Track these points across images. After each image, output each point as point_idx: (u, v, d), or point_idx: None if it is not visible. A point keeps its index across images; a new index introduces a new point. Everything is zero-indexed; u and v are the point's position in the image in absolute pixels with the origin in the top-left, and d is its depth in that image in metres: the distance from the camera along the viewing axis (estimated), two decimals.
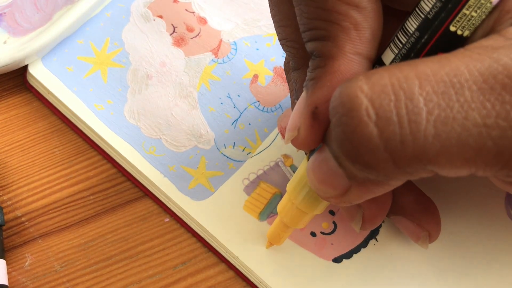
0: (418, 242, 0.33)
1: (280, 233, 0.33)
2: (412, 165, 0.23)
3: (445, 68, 0.22)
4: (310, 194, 0.29)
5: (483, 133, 0.22)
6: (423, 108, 0.22)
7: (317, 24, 0.26)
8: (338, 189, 0.26)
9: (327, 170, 0.26)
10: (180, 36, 0.39)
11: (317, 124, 0.26)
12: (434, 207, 0.33)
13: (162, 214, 0.36)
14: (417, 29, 0.24)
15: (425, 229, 0.32)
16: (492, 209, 0.35)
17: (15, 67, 0.37)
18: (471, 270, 0.34)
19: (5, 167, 0.37)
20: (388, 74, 0.23)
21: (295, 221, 0.31)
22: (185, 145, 0.37)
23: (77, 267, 0.35)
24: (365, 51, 0.25)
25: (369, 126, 0.22)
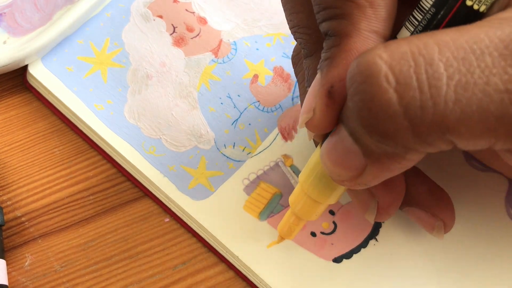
0: (433, 232, 0.32)
1: (292, 226, 0.32)
2: (432, 133, 0.22)
3: (465, 36, 0.22)
4: (324, 182, 0.28)
5: (505, 99, 0.21)
6: (443, 73, 0.22)
7: (331, 2, 0.25)
8: (353, 169, 0.25)
9: (342, 150, 0.25)
10: (180, 36, 0.39)
11: (333, 104, 0.25)
12: (447, 197, 0.32)
13: (162, 214, 0.36)
14: (433, 5, 0.24)
15: (439, 219, 0.32)
16: (492, 209, 0.35)
17: (15, 67, 0.37)
18: (471, 270, 0.34)
19: (5, 167, 0.37)
20: (407, 42, 0.22)
21: (308, 213, 0.30)
22: (185, 145, 0.37)
23: (77, 267, 0.35)
24: (380, 29, 0.25)
25: (388, 92, 0.22)
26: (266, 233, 0.35)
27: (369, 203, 0.31)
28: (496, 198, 0.35)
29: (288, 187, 0.36)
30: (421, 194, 0.32)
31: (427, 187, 0.32)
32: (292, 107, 0.37)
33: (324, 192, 0.29)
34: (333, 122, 0.26)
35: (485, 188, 0.35)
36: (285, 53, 0.38)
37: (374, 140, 0.23)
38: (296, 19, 0.29)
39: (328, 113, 0.25)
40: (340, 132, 0.25)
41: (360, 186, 0.26)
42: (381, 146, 0.23)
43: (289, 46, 0.38)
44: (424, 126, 0.22)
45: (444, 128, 0.22)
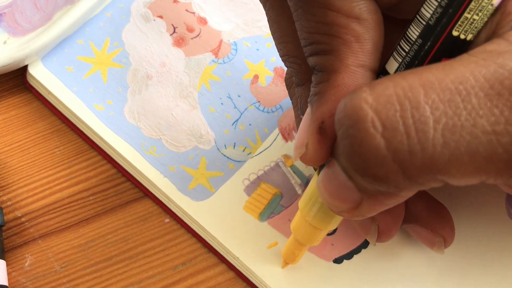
0: (434, 248, 0.33)
1: (295, 252, 0.32)
2: (423, 175, 0.22)
3: (450, 75, 0.22)
4: (323, 210, 0.29)
5: (493, 141, 0.22)
6: (430, 116, 0.22)
7: (318, 38, 0.25)
8: (350, 203, 0.25)
9: (337, 184, 0.25)
10: (180, 36, 0.39)
11: (325, 139, 0.26)
12: (447, 212, 0.33)
13: (162, 215, 0.36)
14: (420, 36, 0.24)
15: (439, 235, 0.32)
16: (492, 209, 0.35)
17: (15, 67, 0.37)
18: (472, 270, 0.34)
19: (5, 167, 0.37)
20: (392, 84, 0.22)
21: (309, 239, 0.31)
22: (185, 145, 0.36)
23: (77, 268, 0.35)
24: (368, 63, 0.25)
25: (376, 137, 0.22)
26: (267, 233, 0.35)
27: (370, 227, 0.31)
28: (497, 198, 0.35)
29: (288, 187, 0.36)
30: (420, 211, 0.32)
31: (426, 203, 0.32)
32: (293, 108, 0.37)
33: (324, 219, 0.29)
34: (326, 155, 0.26)
35: (485, 188, 0.35)
36: None
37: (366, 181, 0.23)
38: (285, 48, 0.29)
39: (321, 147, 0.26)
40: (334, 166, 0.25)
41: (358, 217, 0.26)
42: (374, 187, 0.24)
43: None
44: (414, 169, 0.22)
45: (435, 170, 0.22)
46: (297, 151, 0.27)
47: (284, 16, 0.29)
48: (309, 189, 0.29)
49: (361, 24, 0.25)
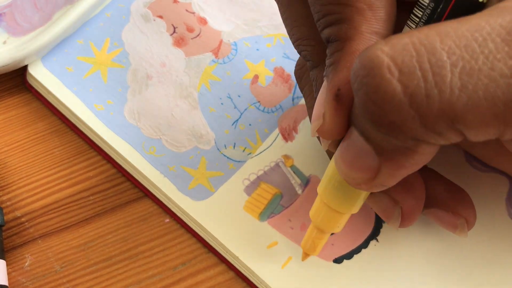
0: (456, 231, 0.32)
1: (315, 241, 0.32)
2: (440, 122, 0.22)
3: (465, 25, 0.22)
4: (343, 191, 0.28)
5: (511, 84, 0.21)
6: (446, 61, 0.22)
7: (331, 8, 0.26)
8: (368, 171, 0.25)
9: (355, 152, 0.25)
10: (180, 36, 0.39)
11: (342, 107, 0.25)
12: (466, 194, 0.32)
13: (162, 215, 0.36)
14: (432, 0, 0.24)
15: (461, 217, 0.32)
16: (493, 209, 0.35)
17: (15, 67, 0.37)
18: (472, 270, 0.34)
19: (5, 168, 0.37)
20: (408, 35, 0.22)
21: (330, 224, 0.30)
22: (185, 145, 0.36)
23: (77, 268, 0.35)
24: (381, 30, 0.25)
25: (392, 82, 0.22)
26: (267, 233, 0.35)
27: (392, 211, 0.30)
28: (497, 199, 0.35)
29: (288, 187, 0.36)
30: (439, 195, 0.32)
31: (444, 186, 0.32)
32: (293, 108, 0.37)
33: (345, 201, 0.29)
34: (344, 127, 0.25)
35: (485, 189, 0.36)
36: (285, 54, 0.38)
37: (382, 134, 0.23)
38: (298, 32, 0.29)
39: (338, 117, 0.25)
40: (351, 134, 0.25)
41: (377, 188, 0.26)
42: (391, 141, 0.23)
43: (289, 47, 0.38)
44: (431, 114, 0.22)
45: (452, 115, 0.22)
46: (314, 123, 0.26)
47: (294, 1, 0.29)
48: (328, 172, 0.28)
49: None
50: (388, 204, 0.30)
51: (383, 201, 0.30)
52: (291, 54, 0.38)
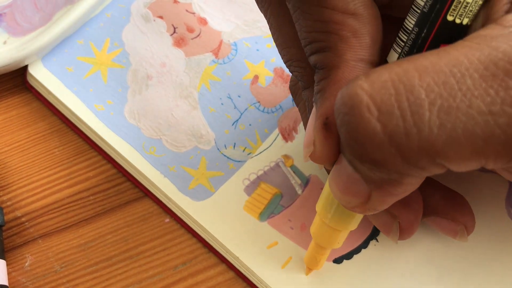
0: (457, 237, 0.32)
1: (317, 257, 0.32)
2: (421, 159, 0.22)
3: (444, 59, 0.22)
4: (340, 210, 0.29)
5: (490, 121, 0.21)
6: (425, 99, 0.22)
7: (316, 36, 0.26)
8: (360, 196, 0.25)
9: (346, 178, 0.25)
10: (180, 36, 0.39)
11: (331, 135, 0.26)
12: (464, 200, 0.32)
13: (162, 215, 0.36)
14: (416, 25, 0.24)
15: (460, 223, 0.32)
16: (492, 209, 0.35)
17: (15, 67, 0.37)
18: (472, 270, 0.34)
19: (5, 168, 0.37)
20: (387, 71, 0.23)
21: (330, 241, 0.31)
22: (186, 145, 0.37)
23: (77, 268, 0.35)
24: (366, 57, 0.25)
25: (371, 121, 0.22)
26: (266, 233, 0.35)
27: (391, 225, 0.31)
28: (497, 199, 0.35)
29: (288, 187, 0.36)
30: (438, 203, 0.32)
31: (442, 194, 0.32)
32: (293, 108, 0.37)
33: (343, 219, 0.29)
34: (335, 153, 0.26)
35: (485, 189, 0.36)
36: None
37: (366, 168, 0.23)
38: (288, 54, 0.30)
39: (328, 144, 0.26)
40: (342, 160, 0.25)
41: (370, 211, 0.26)
42: (376, 174, 0.24)
43: None
44: (412, 152, 0.22)
45: (433, 153, 0.22)
46: (305, 149, 0.27)
47: (285, 22, 0.29)
48: (325, 191, 0.29)
49: (357, 19, 0.25)
50: (387, 219, 0.31)
51: (382, 216, 0.31)
52: None
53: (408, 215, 0.31)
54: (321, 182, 0.36)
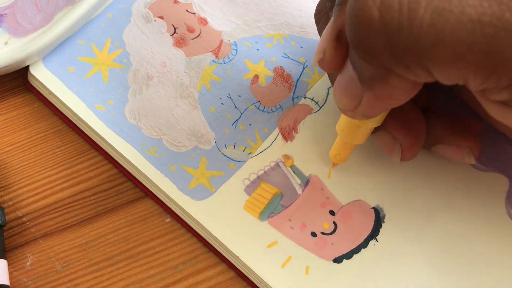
0: (465, 160, 0.34)
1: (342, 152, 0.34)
2: (408, 55, 0.24)
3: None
4: None
5: (477, 29, 0.23)
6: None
7: None
8: (354, 98, 0.28)
9: (346, 79, 0.28)
10: (180, 36, 0.39)
11: (341, 46, 0.28)
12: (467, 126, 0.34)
13: (163, 214, 0.36)
14: None
15: (465, 147, 0.34)
16: (492, 209, 0.35)
17: (16, 67, 0.37)
18: (471, 270, 0.34)
19: (6, 168, 0.37)
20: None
21: (353, 136, 0.33)
22: (186, 145, 0.37)
23: (78, 267, 0.35)
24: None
25: (372, 10, 0.24)
26: (267, 233, 0.35)
27: (393, 147, 0.33)
28: (497, 198, 0.35)
29: (288, 187, 0.36)
30: (441, 131, 0.34)
31: (446, 122, 0.34)
32: (293, 107, 0.37)
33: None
34: (341, 62, 0.28)
35: (485, 188, 0.36)
36: (285, 54, 0.38)
37: (359, 58, 0.26)
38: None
39: (337, 54, 0.28)
40: (346, 64, 0.28)
41: (359, 116, 0.29)
42: (367, 67, 0.26)
43: (289, 47, 0.39)
44: (400, 45, 0.24)
45: (419, 50, 0.24)
46: (316, 56, 0.29)
47: None
48: None
49: None
50: (389, 141, 0.33)
51: (385, 137, 0.33)
52: (291, 54, 0.38)
53: (409, 139, 0.33)
54: (321, 182, 0.36)
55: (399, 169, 0.36)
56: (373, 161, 0.36)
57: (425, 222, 0.35)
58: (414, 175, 0.36)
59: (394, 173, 0.36)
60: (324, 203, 0.36)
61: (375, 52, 0.25)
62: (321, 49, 0.29)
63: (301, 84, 0.38)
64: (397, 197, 0.36)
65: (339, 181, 0.36)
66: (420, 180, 0.36)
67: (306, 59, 0.38)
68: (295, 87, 0.38)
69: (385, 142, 0.34)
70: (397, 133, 0.33)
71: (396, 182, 0.36)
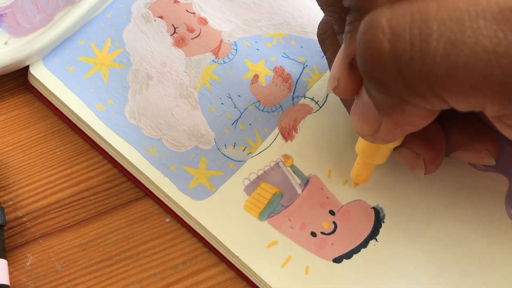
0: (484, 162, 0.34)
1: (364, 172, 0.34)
2: (420, 84, 0.24)
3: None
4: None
5: (492, 60, 0.22)
6: (435, 30, 0.23)
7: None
8: (372, 124, 0.28)
9: (362, 106, 0.28)
10: (180, 36, 0.39)
11: (355, 74, 0.28)
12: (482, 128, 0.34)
13: (162, 214, 0.36)
14: None
15: (483, 150, 0.33)
16: (492, 209, 0.35)
17: (16, 67, 0.37)
18: (471, 270, 0.34)
19: (6, 168, 0.37)
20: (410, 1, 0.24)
21: (373, 157, 0.32)
22: (186, 145, 0.37)
23: (78, 267, 0.35)
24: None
25: (382, 42, 0.24)
26: (267, 233, 0.35)
27: (416, 162, 0.33)
28: (496, 198, 0.35)
29: (288, 187, 0.36)
30: (458, 137, 0.33)
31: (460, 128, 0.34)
32: (293, 107, 0.37)
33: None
34: (356, 89, 0.29)
35: (485, 188, 0.35)
36: (285, 53, 0.38)
37: (373, 89, 0.25)
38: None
39: (351, 81, 0.28)
40: (362, 91, 0.28)
41: (379, 141, 0.29)
42: (382, 97, 0.25)
43: (289, 46, 0.39)
44: (412, 76, 0.24)
45: (432, 80, 0.23)
46: (330, 83, 0.30)
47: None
48: None
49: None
50: (411, 157, 0.33)
51: (406, 155, 0.33)
52: (291, 54, 0.38)
53: (431, 153, 0.33)
54: (320, 182, 0.36)
55: (399, 169, 0.36)
56: None
57: (425, 222, 0.35)
58: (414, 175, 0.36)
59: (394, 173, 0.36)
60: (324, 203, 0.36)
61: (387, 83, 0.24)
62: (335, 76, 0.29)
63: (301, 84, 0.38)
64: (397, 197, 0.36)
65: (339, 180, 0.36)
66: (420, 180, 0.36)
67: (306, 59, 0.38)
68: (295, 87, 0.38)
69: (407, 159, 0.33)
70: (419, 149, 0.32)
71: (396, 182, 0.36)
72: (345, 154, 0.36)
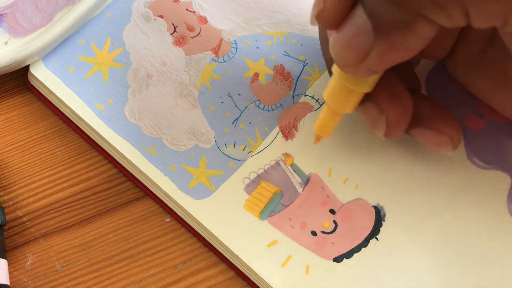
0: (442, 149, 0.32)
1: (328, 123, 0.32)
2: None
3: None
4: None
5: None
6: None
7: None
8: (360, 51, 0.26)
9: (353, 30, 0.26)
10: (180, 35, 0.39)
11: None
12: (450, 114, 0.33)
13: (162, 214, 0.36)
14: None
15: (445, 134, 0.32)
16: (494, 207, 0.35)
17: (16, 67, 0.37)
18: (473, 269, 0.34)
19: (7, 167, 0.37)
20: None
21: (344, 103, 0.30)
22: (186, 144, 0.36)
23: (78, 267, 0.35)
24: None
25: None
26: (267, 232, 0.35)
27: (378, 119, 0.31)
28: (498, 196, 0.35)
29: (288, 186, 0.36)
30: (424, 114, 0.32)
31: (430, 106, 0.32)
32: (293, 106, 0.37)
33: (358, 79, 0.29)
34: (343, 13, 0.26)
35: (487, 186, 0.35)
36: (285, 52, 0.38)
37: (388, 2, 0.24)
38: None
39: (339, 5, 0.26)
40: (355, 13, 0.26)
41: (364, 71, 0.27)
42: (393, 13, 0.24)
43: (289, 45, 0.38)
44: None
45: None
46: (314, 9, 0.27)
47: None
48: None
49: None
50: (375, 113, 0.31)
51: (371, 109, 0.31)
52: (291, 52, 0.38)
53: (396, 111, 0.31)
54: (321, 180, 0.36)
55: (400, 167, 0.36)
56: (373, 159, 0.36)
57: (426, 221, 0.35)
58: (415, 173, 0.35)
59: (395, 172, 0.36)
60: (325, 202, 0.35)
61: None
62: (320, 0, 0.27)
63: (301, 82, 0.38)
64: (397, 196, 0.35)
65: (339, 179, 0.36)
66: (421, 178, 0.35)
67: (306, 57, 0.38)
68: (295, 85, 0.38)
69: (371, 114, 0.31)
70: (384, 104, 0.31)
71: (397, 181, 0.36)
72: (346, 152, 0.36)
